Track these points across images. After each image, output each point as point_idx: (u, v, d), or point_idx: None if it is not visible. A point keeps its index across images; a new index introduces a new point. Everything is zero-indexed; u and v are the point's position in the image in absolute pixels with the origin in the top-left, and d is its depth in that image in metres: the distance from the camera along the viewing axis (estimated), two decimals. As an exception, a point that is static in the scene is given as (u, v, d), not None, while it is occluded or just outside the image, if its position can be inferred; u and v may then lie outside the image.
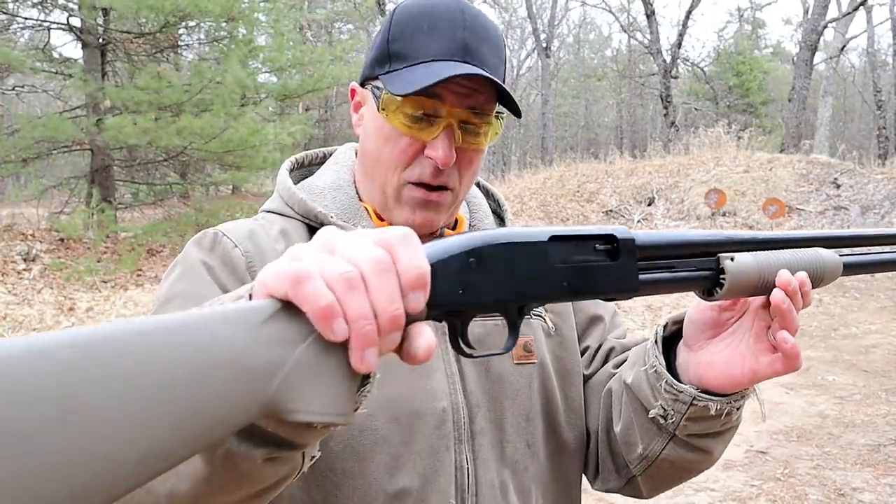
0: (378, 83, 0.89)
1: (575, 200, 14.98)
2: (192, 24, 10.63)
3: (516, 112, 0.89)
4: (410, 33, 0.88)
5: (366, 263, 0.48)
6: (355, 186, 0.98)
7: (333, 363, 0.47)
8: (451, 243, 0.57)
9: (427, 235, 0.91)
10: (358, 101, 0.96)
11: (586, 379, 1.02)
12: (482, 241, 0.57)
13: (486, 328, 0.90)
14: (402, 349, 0.51)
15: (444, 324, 0.59)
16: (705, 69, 29.35)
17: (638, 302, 8.76)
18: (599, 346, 1.05)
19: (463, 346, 0.59)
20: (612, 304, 1.09)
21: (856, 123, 36.36)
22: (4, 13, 9.98)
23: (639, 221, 13.98)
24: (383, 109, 0.87)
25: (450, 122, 0.86)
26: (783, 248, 0.77)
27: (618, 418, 0.94)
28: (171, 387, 0.41)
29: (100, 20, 9.84)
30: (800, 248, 0.78)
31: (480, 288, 0.56)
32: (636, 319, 7.96)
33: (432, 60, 0.85)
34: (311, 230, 0.94)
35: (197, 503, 0.57)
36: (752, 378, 0.81)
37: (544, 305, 0.63)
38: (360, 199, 0.96)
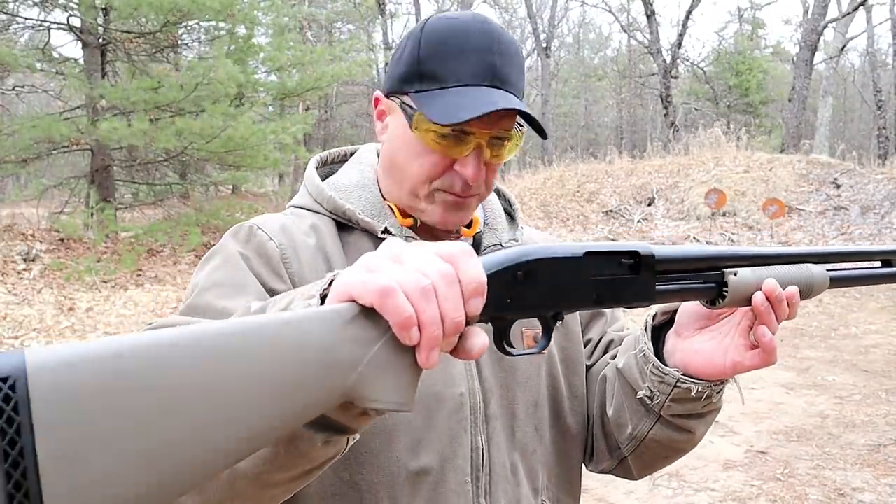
0: (408, 100, 0.93)
1: (575, 200, 14.98)
2: (191, 23, 10.62)
3: (541, 133, 0.94)
4: (442, 55, 0.90)
5: (436, 276, 0.55)
6: (378, 185, 1.03)
7: (403, 360, 0.55)
8: (503, 257, 0.64)
9: (446, 232, 1.02)
10: (382, 110, 0.99)
11: (588, 369, 1.10)
12: (530, 255, 0.64)
13: None
14: (457, 348, 0.59)
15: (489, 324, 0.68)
16: (705, 69, 29.35)
17: (638, 302, 8.76)
18: (600, 339, 1.13)
19: (506, 346, 0.66)
20: None
21: (856, 123, 36.35)
22: (4, 13, 9.98)
23: (639, 221, 13.98)
24: (416, 128, 0.91)
25: (479, 143, 0.91)
26: (779, 263, 0.84)
27: (610, 402, 1.03)
28: (279, 376, 0.50)
29: (100, 20, 9.83)
30: (794, 262, 0.86)
31: (526, 298, 0.64)
32: (636, 319, 7.96)
33: (464, 85, 0.89)
34: (339, 225, 1.00)
35: (256, 479, 0.63)
36: (733, 369, 0.88)
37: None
38: (384, 198, 1.01)
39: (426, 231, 1.02)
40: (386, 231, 0.96)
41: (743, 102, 27.81)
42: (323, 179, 1.07)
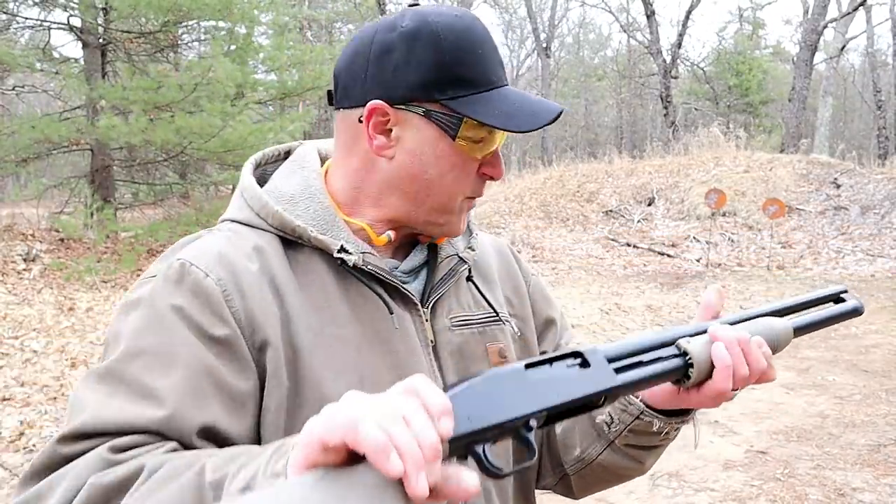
0: (442, 109, 0.85)
1: (575, 200, 14.98)
2: (191, 22, 10.62)
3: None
4: (469, 55, 0.86)
5: (401, 403, 0.55)
6: (328, 193, 0.93)
7: (394, 495, 0.53)
8: (455, 388, 0.63)
9: (408, 246, 0.97)
10: (384, 121, 0.88)
11: None
12: (478, 380, 0.64)
13: (463, 336, 0.95)
14: (449, 491, 0.56)
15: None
16: (705, 69, 29.34)
17: (638, 301, 8.76)
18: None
19: (490, 467, 0.62)
20: (558, 304, 1.16)
21: (856, 123, 36.35)
22: (4, 13, 9.98)
23: (639, 221, 13.98)
24: (461, 139, 0.86)
25: (500, 142, 0.90)
26: (738, 323, 0.86)
27: (559, 427, 1.03)
28: None
29: (100, 20, 9.84)
30: (752, 320, 0.88)
31: (483, 412, 0.63)
32: (636, 319, 7.96)
33: (496, 87, 0.87)
34: (285, 242, 0.89)
35: None
36: (696, 405, 0.88)
37: (542, 413, 0.70)
38: (337, 205, 0.93)
39: (402, 248, 0.96)
40: (342, 250, 0.87)
41: (743, 102, 27.81)
42: (259, 185, 0.96)
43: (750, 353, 0.83)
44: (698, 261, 11.95)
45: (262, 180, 0.99)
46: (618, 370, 0.73)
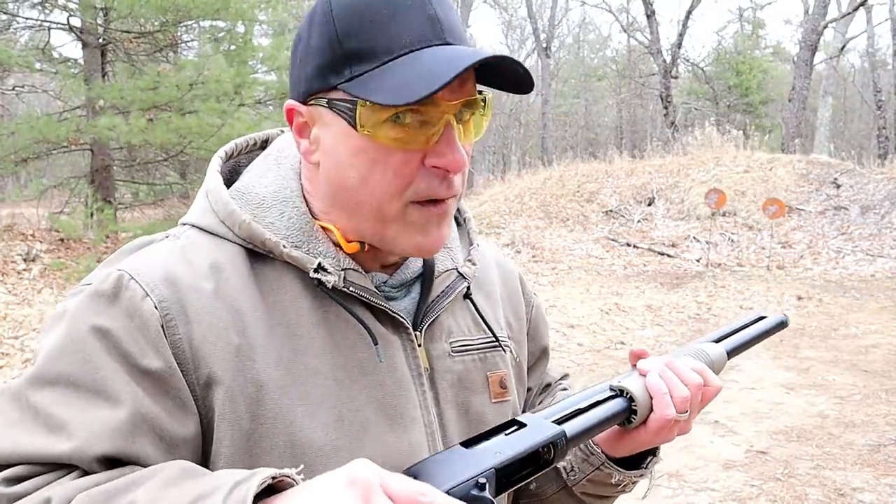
0: (341, 95, 0.70)
1: (575, 200, 14.99)
2: (190, 22, 10.63)
3: (525, 87, 0.73)
4: (368, 22, 0.68)
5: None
6: (304, 197, 0.78)
7: None
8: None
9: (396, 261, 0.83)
10: (303, 123, 0.75)
11: None
12: (416, 467, 0.65)
13: (464, 364, 0.84)
14: None
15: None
16: (705, 69, 29.35)
17: (638, 302, 8.76)
18: (538, 385, 1.04)
19: None
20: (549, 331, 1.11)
21: (856, 123, 36.35)
22: (4, 13, 9.98)
23: (639, 221, 13.99)
24: (362, 126, 0.69)
25: (448, 119, 0.70)
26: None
27: None
28: None
29: (100, 20, 9.84)
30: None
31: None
32: (636, 319, 7.96)
33: (410, 51, 0.68)
34: (253, 255, 0.75)
35: None
36: (649, 443, 0.85)
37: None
38: (314, 216, 0.78)
39: (372, 260, 0.80)
40: (320, 268, 0.74)
41: (743, 102, 27.82)
42: (228, 181, 0.82)
43: (682, 374, 0.82)
44: (698, 261, 11.95)
45: (234, 173, 0.85)
46: (558, 421, 0.74)
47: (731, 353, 0.94)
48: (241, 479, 0.57)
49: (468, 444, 0.68)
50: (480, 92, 0.74)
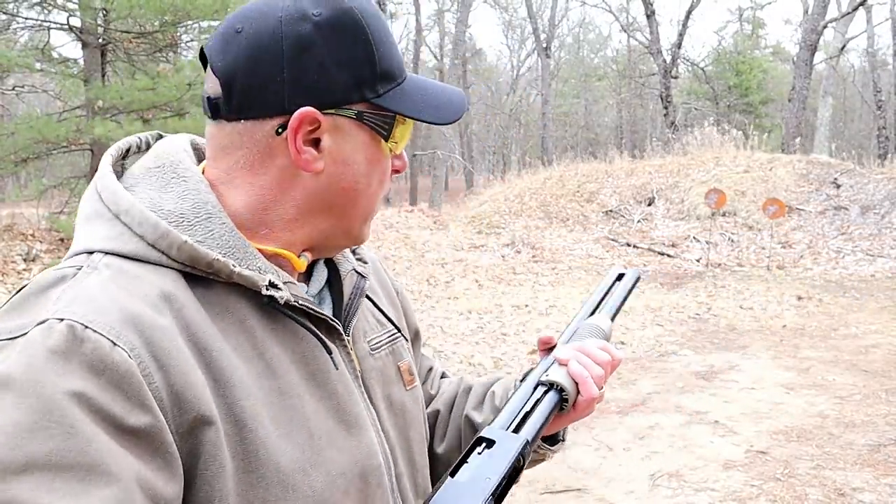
0: (370, 109, 0.74)
1: (575, 200, 14.99)
2: (190, 22, 10.63)
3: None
4: (390, 46, 0.76)
5: None
6: (222, 209, 0.74)
7: None
8: None
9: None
10: (311, 130, 0.72)
11: None
12: None
13: (381, 360, 0.88)
14: None
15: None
16: (705, 69, 29.36)
17: (638, 301, 8.76)
18: (419, 366, 1.09)
19: None
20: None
21: (856, 123, 36.36)
22: (4, 13, 9.98)
23: (639, 221, 13.99)
24: (395, 140, 0.78)
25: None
26: (576, 339, 0.98)
27: (441, 440, 1.03)
28: None
29: (100, 20, 9.84)
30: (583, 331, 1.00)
31: None
32: (636, 319, 7.96)
33: (407, 76, 0.78)
34: (191, 279, 0.69)
35: None
36: (576, 419, 0.94)
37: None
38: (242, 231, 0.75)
39: (292, 271, 0.80)
40: (271, 285, 0.71)
41: (743, 102, 27.84)
42: None
43: (595, 356, 0.91)
44: (698, 261, 11.95)
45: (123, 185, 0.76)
46: (516, 429, 0.82)
47: (613, 317, 1.05)
48: None
49: (454, 473, 0.75)
50: None
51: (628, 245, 13.01)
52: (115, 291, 0.64)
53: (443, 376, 1.13)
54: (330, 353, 0.76)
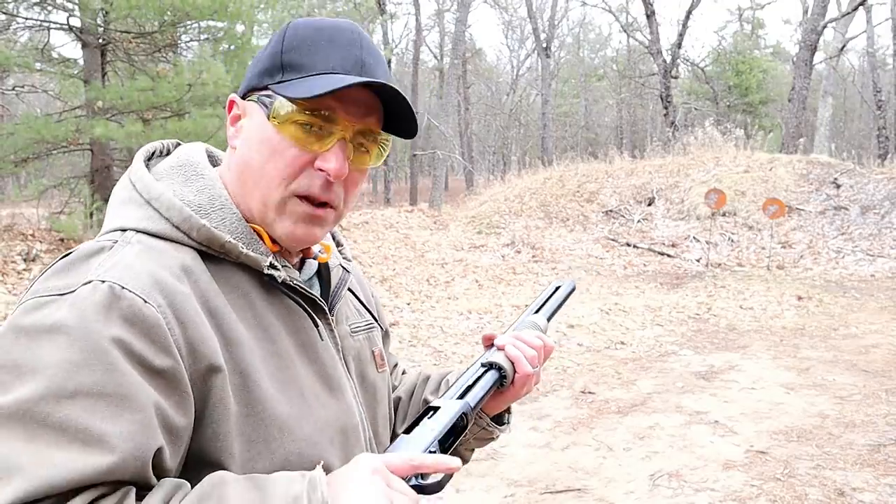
0: (267, 92, 0.86)
1: (575, 200, 14.98)
2: (190, 22, 10.63)
3: (408, 134, 0.90)
4: (308, 45, 0.85)
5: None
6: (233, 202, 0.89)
7: None
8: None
9: (304, 251, 0.98)
10: (237, 114, 0.90)
11: None
12: (394, 450, 0.90)
13: (359, 342, 1.03)
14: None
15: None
16: (705, 69, 29.35)
17: (638, 301, 8.76)
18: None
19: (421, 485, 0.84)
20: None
21: (856, 123, 36.36)
22: (4, 13, 9.98)
23: (639, 221, 13.98)
24: (273, 118, 0.84)
25: (344, 136, 0.85)
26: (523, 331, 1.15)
27: (402, 423, 1.17)
28: None
29: (100, 20, 9.84)
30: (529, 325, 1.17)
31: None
32: (636, 319, 7.96)
33: (331, 72, 0.84)
34: (206, 257, 0.84)
35: None
36: (516, 397, 1.10)
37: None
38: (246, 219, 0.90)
39: (287, 258, 0.94)
40: (272, 266, 0.86)
41: (743, 102, 27.83)
42: None
43: (528, 340, 1.08)
44: (698, 261, 11.95)
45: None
46: (460, 397, 0.98)
47: (549, 318, 1.21)
48: (308, 487, 0.73)
49: (408, 430, 0.91)
50: (383, 134, 0.90)
51: (628, 245, 13.01)
52: (146, 261, 0.78)
53: (403, 372, 1.29)
54: (317, 326, 0.91)
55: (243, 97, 0.89)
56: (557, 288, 1.29)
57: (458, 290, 9.48)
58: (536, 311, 1.22)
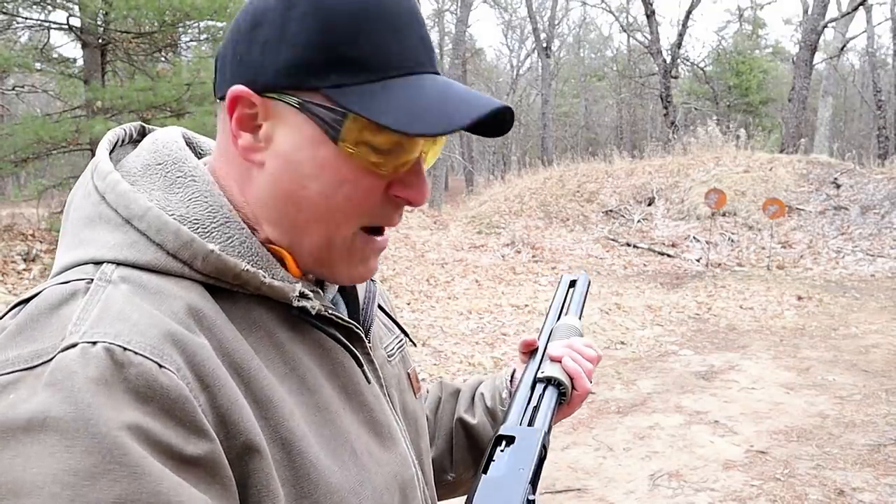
0: (321, 100, 0.61)
1: (575, 200, 14.99)
2: (189, 22, 10.64)
3: (498, 131, 0.69)
4: (365, 33, 0.61)
5: None
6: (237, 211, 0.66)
7: None
8: None
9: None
10: (248, 114, 0.63)
11: None
12: None
13: (396, 367, 0.83)
14: None
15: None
16: (705, 69, 29.36)
17: (638, 301, 8.76)
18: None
19: None
20: None
21: (856, 123, 36.38)
22: (4, 13, 9.98)
23: (639, 221, 13.98)
24: (344, 140, 0.61)
25: (422, 152, 0.66)
26: (557, 338, 1.04)
27: (431, 443, 0.99)
28: None
29: (99, 20, 9.84)
30: (560, 330, 1.06)
31: None
32: (636, 319, 7.96)
33: (409, 73, 0.63)
34: (215, 292, 0.62)
35: None
36: (570, 412, 1.00)
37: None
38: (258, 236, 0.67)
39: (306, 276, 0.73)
40: (303, 296, 0.65)
41: (743, 102, 27.84)
42: None
43: (584, 352, 0.97)
44: (698, 261, 11.95)
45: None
46: (529, 423, 0.88)
47: (579, 317, 1.13)
48: None
49: (485, 471, 0.80)
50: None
51: (628, 245, 13.01)
52: (143, 307, 0.55)
53: None
54: (361, 364, 0.71)
55: (263, 92, 0.62)
56: (572, 282, 1.24)
57: (458, 290, 9.48)
58: (561, 312, 1.11)
